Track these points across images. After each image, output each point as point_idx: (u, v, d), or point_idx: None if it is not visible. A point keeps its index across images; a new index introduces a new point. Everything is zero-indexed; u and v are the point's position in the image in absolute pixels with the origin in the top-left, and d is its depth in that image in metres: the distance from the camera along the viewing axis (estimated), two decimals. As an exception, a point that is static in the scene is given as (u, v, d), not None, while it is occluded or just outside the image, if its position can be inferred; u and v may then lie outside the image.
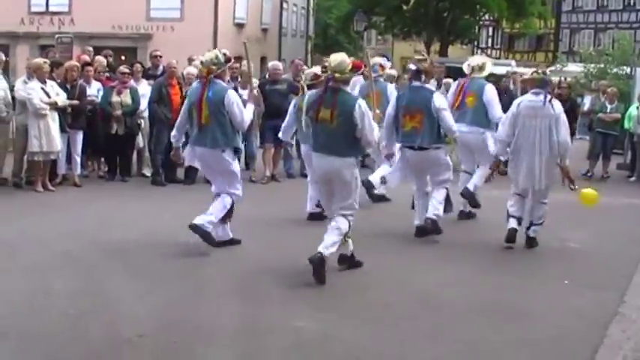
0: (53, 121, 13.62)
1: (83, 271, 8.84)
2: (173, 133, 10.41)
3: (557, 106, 10.58)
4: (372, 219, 11.78)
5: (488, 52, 66.45)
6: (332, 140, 8.83)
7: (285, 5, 48.53)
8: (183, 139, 10.58)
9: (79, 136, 14.56)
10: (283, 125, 12.25)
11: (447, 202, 11.37)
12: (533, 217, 10.93)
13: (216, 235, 9.95)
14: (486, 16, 53.24)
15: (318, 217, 11.44)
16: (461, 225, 11.92)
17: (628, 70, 27.27)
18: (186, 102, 10.27)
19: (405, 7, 47.52)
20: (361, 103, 8.77)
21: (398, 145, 11.23)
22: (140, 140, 15.58)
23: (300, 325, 7.39)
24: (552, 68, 38.77)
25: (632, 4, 61.64)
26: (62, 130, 13.91)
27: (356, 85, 12.85)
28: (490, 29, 67.83)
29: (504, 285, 9.04)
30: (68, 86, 14.25)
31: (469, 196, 12.37)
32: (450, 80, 17.38)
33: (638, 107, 18.96)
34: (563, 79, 27.10)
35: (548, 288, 9.01)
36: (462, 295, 8.60)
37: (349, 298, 8.34)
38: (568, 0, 63.10)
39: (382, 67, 14.03)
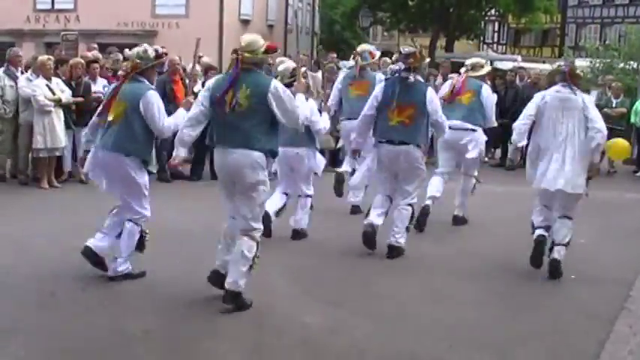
0: (58, 118, 13.64)
1: (90, 266, 8.84)
2: (84, 131, 9.34)
3: (587, 97, 9.75)
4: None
5: (494, 47, 66.43)
6: (241, 130, 7.55)
7: (290, 1, 48.48)
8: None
9: (82, 133, 14.53)
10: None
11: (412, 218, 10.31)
12: (557, 236, 9.35)
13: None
14: (492, 11, 53.12)
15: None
16: (470, 219, 11.88)
17: (635, 65, 27.21)
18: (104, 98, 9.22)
19: (410, 3, 47.47)
20: (277, 84, 7.66)
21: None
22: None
23: (307, 320, 7.40)
24: (558, 63, 38.77)
25: (638, -2, 61.58)
26: (67, 127, 13.92)
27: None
28: (496, 24, 67.71)
29: (511, 280, 9.06)
30: (73, 83, 14.26)
31: (461, 223, 12.02)
32: (455, 75, 17.39)
33: (645, 102, 18.94)
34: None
35: (555, 283, 9.02)
36: (468, 290, 8.61)
37: (357, 294, 8.35)
38: (574, -6, 63.06)
39: (372, 54, 13.01)
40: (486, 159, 18.74)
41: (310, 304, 7.87)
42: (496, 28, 69.19)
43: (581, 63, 35.11)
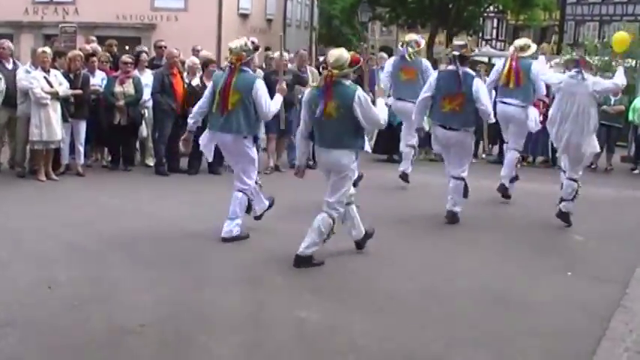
0: (54, 111, 13.61)
1: (87, 260, 8.84)
2: (191, 116, 10.36)
3: (595, 80, 11.79)
4: (384, 206, 11.81)
5: (493, 43, 66.41)
6: (333, 133, 8.88)
7: (289, -5, 48.50)
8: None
9: (82, 126, 14.55)
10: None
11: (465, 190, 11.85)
12: (564, 194, 11.76)
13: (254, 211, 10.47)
14: (491, 8, 53.21)
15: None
16: (467, 217, 11.88)
17: (633, 62, 27.15)
18: (209, 87, 10.28)
19: (409, -2, 47.52)
20: (359, 93, 8.76)
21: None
22: (143, 130, 15.55)
23: (303, 315, 7.39)
24: (557, 60, 38.70)
25: (637, -4, 61.56)
26: (64, 119, 13.89)
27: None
28: (495, 20, 67.87)
29: (509, 277, 9.05)
30: (71, 76, 14.23)
31: (503, 191, 13.34)
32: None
33: (642, 100, 18.96)
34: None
35: (552, 280, 9.02)
36: (468, 286, 8.60)
37: (353, 288, 8.34)
38: (573, -8, 62.97)
39: (417, 43, 14.49)
40: (484, 155, 18.76)
41: (307, 300, 7.85)
42: (495, 25, 69.31)
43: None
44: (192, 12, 35.59)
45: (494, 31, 69.88)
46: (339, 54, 8.88)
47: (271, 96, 10.04)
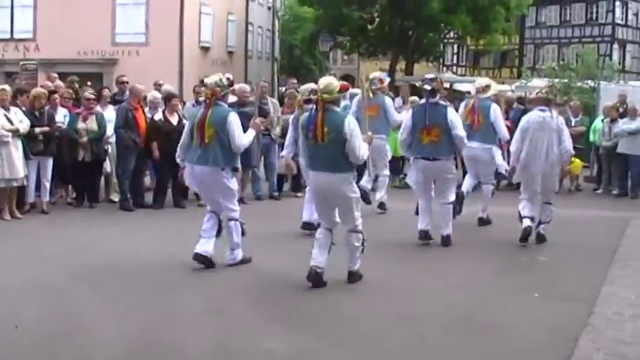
0: (16, 148, 13.52)
1: (53, 296, 8.80)
2: (178, 153, 10.68)
3: (560, 119, 12.40)
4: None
5: (454, 69, 66.86)
6: (326, 158, 9.24)
7: (250, 28, 48.57)
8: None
9: (49, 163, 14.46)
10: (285, 143, 13.18)
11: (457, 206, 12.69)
12: (542, 217, 12.33)
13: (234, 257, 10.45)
14: (451, 34, 53.52)
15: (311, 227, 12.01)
16: (432, 242, 11.92)
17: (592, 83, 27.50)
18: (188, 123, 10.70)
19: (369, 27, 47.68)
20: (350, 120, 9.28)
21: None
22: (107, 166, 15.52)
23: (270, 347, 7.37)
24: (517, 84, 38.99)
25: (594, 18, 62.27)
26: (27, 157, 13.82)
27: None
28: (455, 46, 68.17)
29: (476, 299, 9.09)
30: (37, 113, 14.16)
31: (483, 224, 13.86)
32: (416, 98, 17.50)
33: (602, 120, 19.16)
34: (528, 94, 27.27)
35: (519, 301, 9.05)
36: (434, 309, 8.62)
37: (321, 318, 8.33)
38: (531, 16, 63.45)
39: (381, 80, 14.90)
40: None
41: (275, 330, 7.83)
42: (455, 51, 69.65)
43: (540, 83, 35.47)
44: (153, 46, 35.59)
45: (455, 57, 70.23)
46: (329, 80, 9.43)
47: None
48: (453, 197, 12.22)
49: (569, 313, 8.59)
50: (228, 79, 10.39)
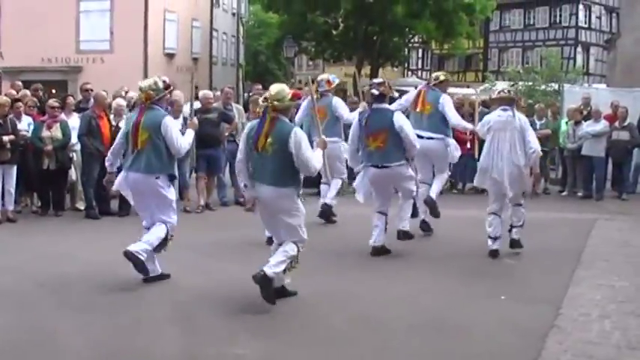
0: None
1: (19, 305, 8.73)
2: (107, 157, 10.36)
3: (523, 118, 11.98)
4: (313, 240, 11.80)
5: (419, 73, 67.04)
6: (269, 170, 8.73)
7: (215, 34, 48.52)
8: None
9: (13, 171, 14.38)
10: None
11: (414, 208, 12.24)
12: (513, 221, 11.90)
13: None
14: (416, 38, 53.69)
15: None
16: (399, 245, 11.93)
17: (556, 86, 27.68)
18: (123, 127, 10.32)
19: (334, 32, 47.76)
20: (297, 131, 8.73)
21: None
22: (72, 174, 15.44)
23: (240, 352, 7.36)
24: (482, 87, 39.13)
25: (558, 21, 62.86)
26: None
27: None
28: (420, 51, 68.52)
29: (443, 302, 9.12)
30: (0, 121, 14.08)
31: (431, 204, 12.80)
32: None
33: (567, 123, 19.30)
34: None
35: (486, 304, 9.10)
36: (402, 314, 8.64)
37: (289, 323, 8.32)
38: (495, 20, 63.93)
39: (329, 82, 14.32)
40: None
41: (243, 337, 7.81)
42: (420, 55, 70.02)
43: (504, 86, 35.68)
44: (118, 53, 35.50)
45: (420, 61, 70.56)
46: (280, 87, 8.91)
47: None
48: (413, 198, 11.97)
49: (536, 314, 8.64)
50: (164, 82, 10.03)
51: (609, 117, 19.09)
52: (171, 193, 10.01)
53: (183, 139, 9.91)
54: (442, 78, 13.52)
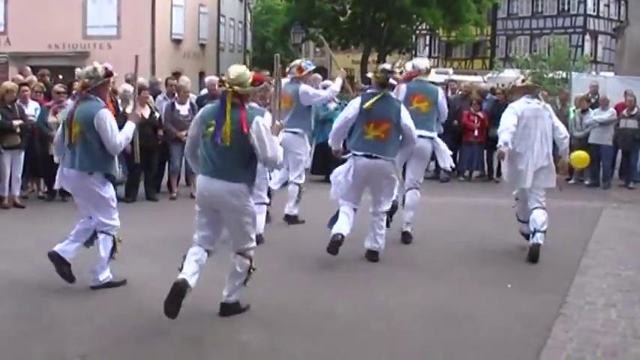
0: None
1: (25, 292, 8.73)
2: (54, 151, 9.68)
3: (548, 105, 11.49)
4: (321, 230, 11.79)
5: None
6: (225, 162, 7.72)
7: (222, 20, 48.47)
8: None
9: (21, 157, 14.39)
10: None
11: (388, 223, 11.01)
12: (537, 225, 10.74)
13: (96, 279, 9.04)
14: (423, 25, 53.60)
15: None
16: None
17: (564, 74, 27.64)
18: (61, 118, 9.68)
19: (342, 19, 47.73)
20: (259, 120, 7.70)
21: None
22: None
23: (245, 338, 7.37)
24: (489, 75, 39.11)
25: (566, 9, 62.69)
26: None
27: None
28: (427, 38, 68.42)
29: (449, 291, 9.12)
30: (9, 107, 14.07)
31: (407, 238, 11.81)
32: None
33: (574, 111, 19.25)
34: (500, 85, 27.41)
35: (492, 292, 9.10)
36: (407, 302, 8.63)
37: (294, 311, 8.31)
38: (503, 7, 63.82)
39: (300, 69, 13.02)
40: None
41: (248, 323, 7.81)
42: (427, 42, 69.91)
43: (512, 74, 35.67)
44: (125, 39, 35.45)
45: (427, 49, 70.43)
46: (241, 70, 7.89)
47: None
48: (387, 207, 10.72)
49: (542, 303, 8.64)
50: (105, 69, 9.05)
51: (619, 106, 19.03)
52: (108, 191, 9.00)
53: (120, 135, 8.87)
54: (427, 65, 12.47)
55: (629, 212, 15.16)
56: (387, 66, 10.98)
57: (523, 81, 11.69)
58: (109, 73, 9.10)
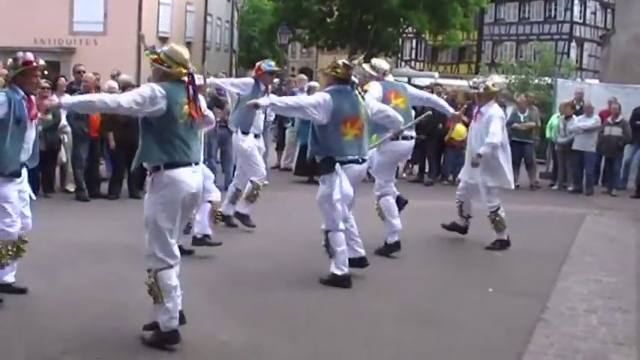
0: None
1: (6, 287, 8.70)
2: None
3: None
4: (305, 230, 11.78)
5: (412, 64, 67.15)
6: (198, 146, 7.25)
7: (209, 19, 48.40)
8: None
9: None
10: None
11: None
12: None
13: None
14: (410, 29, 53.69)
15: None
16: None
17: (549, 80, 27.73)
18: None
19: (329, 20, 47.75)
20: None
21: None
22: (63, 155, 15.36)
23: (226, 339, 7.35)
24: (475, 79, 39.13)
25: (552, 15, 62.89)
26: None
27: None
28: (414, 41, 68.52)
29: (430, 295, 9.13)
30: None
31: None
32: (316, 84, 17.55)
33: (558, 117, 19.33)
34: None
35: (473, 296, 9.11)
36: (388, 306, 8.63)
37: (276, 312, 8.29)
38: (490, 12, 63.93)
39: (259, 69, 12.62)
40: (404, 175, 18.85)
41: (230, 324, 7.78)
42: (414, 45, 70.03)
43: (498, 79, 35.70)
44: (112, 35, 35.42)
45: (413, 52, 70.58)
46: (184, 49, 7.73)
47: None
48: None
49: (523, 308, 8.66)
50: (24, 58, 8.44)
51: (604, 113, 19.11)
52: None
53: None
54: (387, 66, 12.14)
55: (611, 219, 15.20)
56: (345, 61, 9.71)
57: (494, 85, 12.29)
58: (26, 62, 8.34)
